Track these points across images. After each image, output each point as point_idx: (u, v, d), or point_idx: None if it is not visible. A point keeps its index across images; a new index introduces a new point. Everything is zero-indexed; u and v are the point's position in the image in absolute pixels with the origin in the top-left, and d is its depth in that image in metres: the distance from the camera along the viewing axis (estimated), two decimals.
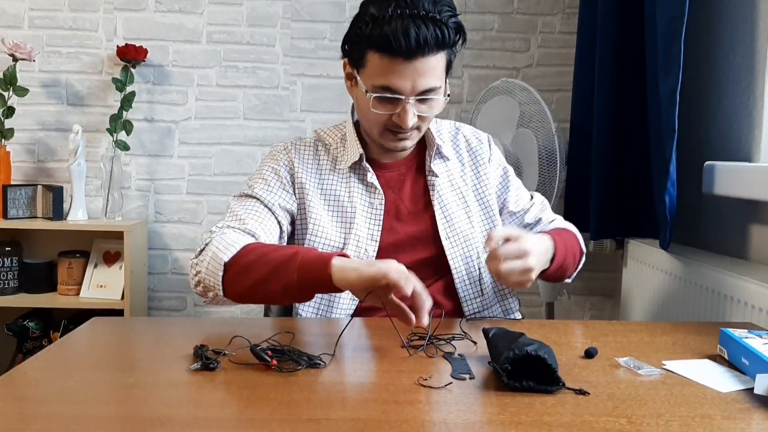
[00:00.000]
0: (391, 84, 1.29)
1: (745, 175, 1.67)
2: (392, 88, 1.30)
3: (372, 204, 1.43)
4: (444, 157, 1.50)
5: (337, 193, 1.44)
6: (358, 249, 1.40)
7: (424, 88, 1.30)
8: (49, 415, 0.82)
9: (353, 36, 1.34)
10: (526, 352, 0.91)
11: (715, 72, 1.96)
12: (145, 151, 2.71)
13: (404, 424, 0.80)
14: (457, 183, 1.50)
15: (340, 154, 1.48)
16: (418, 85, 1.29)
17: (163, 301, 2.76)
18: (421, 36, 1.25)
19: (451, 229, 1.45)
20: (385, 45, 1.26)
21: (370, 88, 1.32)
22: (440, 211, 1.45)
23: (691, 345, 1.16)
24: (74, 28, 2.66)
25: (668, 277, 1.94)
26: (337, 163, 1.47)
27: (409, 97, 1.30)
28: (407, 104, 1.31)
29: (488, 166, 1.54)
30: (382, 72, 1.29)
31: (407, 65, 1.27)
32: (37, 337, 2.59)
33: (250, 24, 2.69)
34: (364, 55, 1.32)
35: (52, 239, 2.68)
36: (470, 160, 1.54)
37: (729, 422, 0.83)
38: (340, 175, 1.46)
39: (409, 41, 1.25)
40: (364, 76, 1.33)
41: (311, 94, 2.72)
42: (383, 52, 1.27)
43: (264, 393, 0.89)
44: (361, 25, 1.31)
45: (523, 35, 2.72)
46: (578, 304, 2.78)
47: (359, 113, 1.42)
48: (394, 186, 1.46)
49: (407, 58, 1.27)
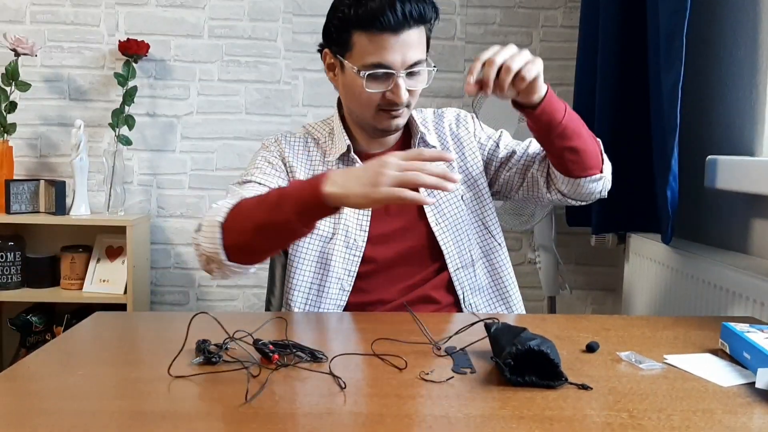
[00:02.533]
0: (383, 59, 1.31)
1: (747, 170, 1.66)
2: (384, 64, 1.32)
3: None
4: (428, 145, 1.51)
5: None
6: (347, 239, 1.42)
7: (414, 60, 1.33)
8: (52, 409, 0.82)
9: (335, 21, 1.35)
10: (529, 347, 0.91)
11: (717, 66, 1.95)
12: (148, 146, 2.71)
13: (406, 419, 0.80)
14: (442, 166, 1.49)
15: (328, 148, 1.49)
16: (407, 57, 1.32)
17: (166, 295, 2.77)
18: (405, 9, 1.29)
19: (440, 215, 1.46)
20: (372, 21, 1.29)
21: (361, 67, 1.33)
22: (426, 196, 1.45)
23: (692, 339, 1.17)
24: (76, 23, 2.66)
25: (670, 272, 1.94)
26: (326, 156, 1.48)
27: (400, 70, 1.33)
28: (399, 78, 1.33)
29: (472, 141, 1.55)
30: (373, 50, 1.31)
31: (396, 39, 1.30)
32: (40, 331, 2.60)
33: (251, 18, 2.68)
34: (349, 37, 1.33)
35: (55, 234, 2.68)
36: (454, 143, 1.54)
37: (730, 416, 0.83)
38: (328, 167, 1.47)
39: (396, 15, 1.28)
40: (353, 58, 1.34)
41: (313, 88, 2.71)
42: (371, 29, 1.30)
43: (266, 387, 0.89)
44: (342, 9, 1.33)
45: (525, 29, 2.71)
46: (580, 299, 2.79)
47: (349, 99, 1.43)
48: None
49: (395, 32, 1.30)
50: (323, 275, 1.43)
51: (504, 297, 1.51)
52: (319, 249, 1.43)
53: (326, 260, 1.42)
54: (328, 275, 1.42)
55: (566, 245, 2.72)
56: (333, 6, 1.37)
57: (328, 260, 1.42)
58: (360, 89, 1.35)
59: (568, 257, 2.74)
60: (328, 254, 1.42)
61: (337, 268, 1.42)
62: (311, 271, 1.44)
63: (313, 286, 1.43)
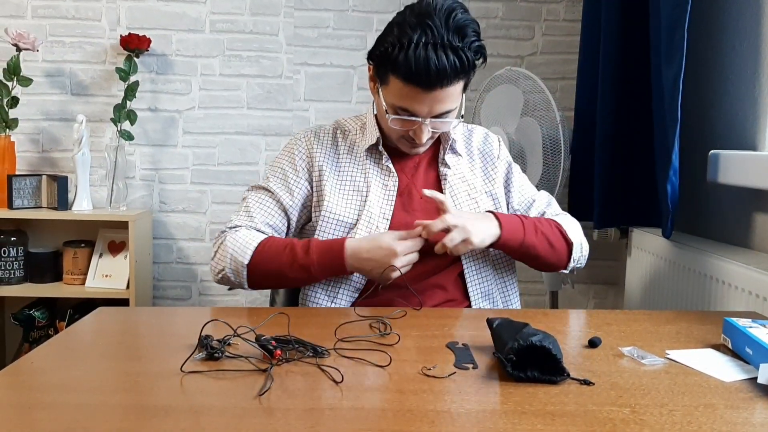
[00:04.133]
0: (410, 108, 1.36)
1: (749, 164, 1.66)
2: (411, 111, 1.37)
3: (386, 185, 1.48)
4: (457, 153, 1.55)
5: (352, 174, 1.50)
6: (369, 226, 1.44)
7: (441, 111, 1.38)
8: (55, 403, 0.82)
9: (378, 54, 1.38)
10: (531, 342, 0.91)
11: (720, 60, 1.95)
12: (149, 141, 2.71)
13: (408, 413, 0.80)
14: (467, 177, 1.54)
15: (358, 140, 1.54)
16: (435, 109, 1.37)
17: (168, 290, 2.77)
18: (440, 67, 1.31)
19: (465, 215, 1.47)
20: (406, 74, 1.32)
21: (389, 107, 1.38)
22: (450, 199, 1.48)
23: (694, 334, 1.17)
24: (77, 18, 2.66)
25: (672, 266, 1.94)
26: (354, 147, 1.53)
27: (426, 118, 1.38)
28: (423, 125, 1.38)
29: (497, 163, 1.59)
30: (402, 96, 1.36)
31: (426, 95, 1.34)
32: (43, 326, 2.60)
33: (253, 13, 2.68)
34: (387, 75, 1.37)
35: (57, 229, 2.69)
36: (480, 160, 1.58)
37: (732, 411, 0.83)
38: (356, 157, 1.52)
39: (429, 74, 1.31)
40: (386, 94, 1.39)
41: (315, 83, 2.71)
42: (404, 80, 1.33)
43: (264, 382, 0.89)
44: (386, 46, 1.35)
45: (528, 23, 2.70)
46: (582, 293, 2.78)
47: (379, 116, 1.50)
48: (408, 171, 1.52)
49: (426, 89, 1.33)
50: None
51: (505, 294, 1.52)
52: (342, 235, 1.46)
53: None
54: None
55: None
56: (382, 35, 1.39)
57: None
58: (386, 121, 1.41)
59: None
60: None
61: None
62: None
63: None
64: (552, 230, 1.48)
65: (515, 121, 2.35)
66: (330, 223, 1.45)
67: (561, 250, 1.49)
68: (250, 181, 2.72)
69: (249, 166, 2.72)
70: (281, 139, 2.71)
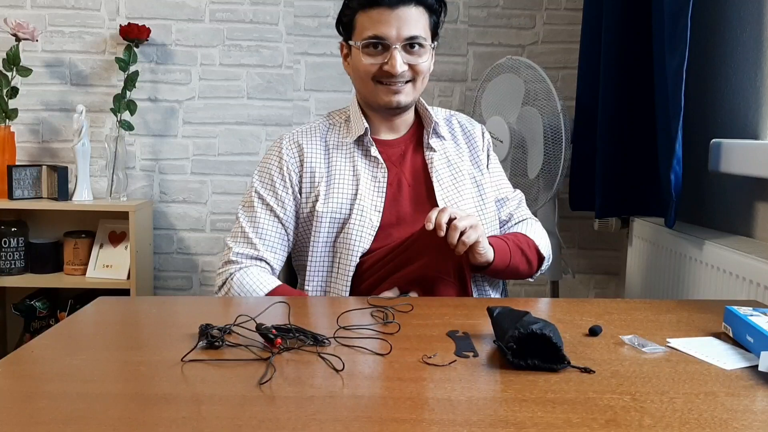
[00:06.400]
0: (378, 32, 1.42)
1: (751, 153, 1.66)
2: (379, 35, 1.42)
3: (375, 177, 1.49)
4: (440, 137, 1.56)
5: (342, 168, 1.50)
6: (362, 220, 1.44)
7: (409, 34, 1.42)
8: (55, 393, 0.82)
9: (344, 10, 1.49)
10: (531, 330, 0.91)
11: (722, 49, 1.94)
12: (149, 131, 2.70)
13: (408, 401, 0.80)
14: (453, 160, 1.55)
15: (344, 131, 1.54)
16: (402, 32, 1.42)
17: (169, 280, 2.77)
18: None
19: (450, 200, 1.50)
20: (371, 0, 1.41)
21: (362, 46, 1.44)
22: (438, 184, 1.50)
23: (695, 323, 1.17)
24: (77, 8, 2.65)
25: (673, 256, 1.94)
26: (341, 139, 1.53)
27: (396, 43, 1.42)
28: (395, 50, 1.42)
29: (482, 155, 1.61)
30: (370, 24, 1.42)
31: (390, 12, 1.41)
32: (44, 316, 2.61)
33: (253, 2, 2.67)
34: (353, 20, 1.46)
35: (58, 219, 2.69)
36: (465, 141, 1.60)
37: (733, 399, 0.83)
38: (344, 150, 1.52)
39: None
40: (356, 37, 1.46)
41: (315, 72, 2.70)
42: (369, 6, 1.42)
43: (265, 371, 0.89)
44: (347, 1, 1.47)
45: (529, 12, 2.69)
46: (583, 283, 2.79)
47: (355, 78, 1.52)
48: (396, 161, 1.52)
49: (390, 6, 1.41)
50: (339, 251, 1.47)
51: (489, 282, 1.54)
52: (336, 231, 1.46)
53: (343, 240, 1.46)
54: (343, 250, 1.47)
55: (569, 229, 2.72)
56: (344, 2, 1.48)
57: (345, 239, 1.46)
58: (360, 64, 1.45)
59: (571, 241, 2.74)
60: (344, 236, 1.45)
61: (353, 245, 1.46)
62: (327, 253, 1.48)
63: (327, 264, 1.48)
64: (530, 249, 1.51)
65: (516, 110, 2.34)
66: (324, 223, 1.45)
67: (534, 265, 1.53)
68: (250, 171, 2.72)
69: (249, 156, 2.72)
70: (282, 128, 2.71)
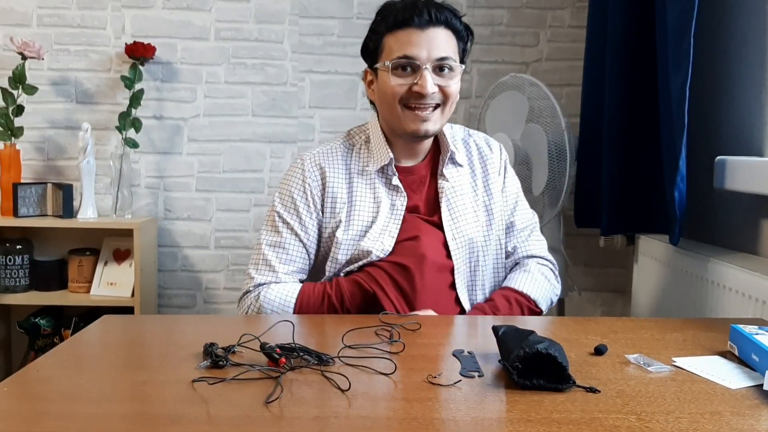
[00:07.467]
0: (408, 52, 1.41)
1: (756, 170, 1.65)
2: (409, 56, 1.41)
3: (394, 205, 1.49)
4: (457, 164, 1.55)
5: (363, 196, 1.50)
6: (375, 245, 1.44)
7: (439, 55, 1.41)
8: (61, 412, 0.82)
9: (370, 35, 1.48)
10: (537, 350, 0.90)
11: (726, 66, 1.94)
12: (155, 149, 2.72)
13: (413, 422, 0.80)
14: (465, 189, 1.54)
15: (365, 157, 1.53)
16: (433, 53, 1.41)
17: (173, 298, 2.77)
18: (431, 11, 1.41)
19: (457, 230, 1.49)
20: (398, 21, 1.41)
21: (392, 66, 1.43)
22: (447, 212, 1.50)
23: (701, 341, 1.16)
24: (82, 26, 2.67)
25: (679, 273, 1.93)
26: (363, 166, 1.52)
27: (426, 63, 1.40)
28: (425, 70, 1.41)
29: (497, 179, 1.58)
30: (399, 46, 1.42)
31: (420, 33, 1.40)
32: (48, 334, 2.60)
33: (258, 21, 2.69)
34: (381, 44, 1.45)
35: (63, 237, 2.69)
36: (481, 168, 1.58)
37: (739, 419, 0.82)
38: (366, 178, 1.51)
39: (420, 12, 1.40)
40: (385, 58, 1.44)
41: (320, 90, 2.72)
42: (398, 29, 1.42)
43: (272, 390, 0.89)
44: (373, 26, 1.47)
45: (533, 30, 2.71)
46: (589, 301, 2.78)
47: (381, 102, 1.49)
48: (415, 188, 1.52)
49: (420, 27, 1.40)
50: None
51: None
52: (353, 253, 1.47)
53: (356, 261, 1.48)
54: None
55: (575, 247, 2.71)
56: (369, 29, 1.49)
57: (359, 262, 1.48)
58: (388, 86, 1.43)
59: (577, 259, 2.73)
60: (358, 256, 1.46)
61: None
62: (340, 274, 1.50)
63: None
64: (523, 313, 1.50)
65: (520, 127, 2.34)
66: (343, 249, 1.46)
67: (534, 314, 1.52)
68: (255, 188, 2.72)
69: (254, 174, 2.73)
70: (286, 146, 2.72)
